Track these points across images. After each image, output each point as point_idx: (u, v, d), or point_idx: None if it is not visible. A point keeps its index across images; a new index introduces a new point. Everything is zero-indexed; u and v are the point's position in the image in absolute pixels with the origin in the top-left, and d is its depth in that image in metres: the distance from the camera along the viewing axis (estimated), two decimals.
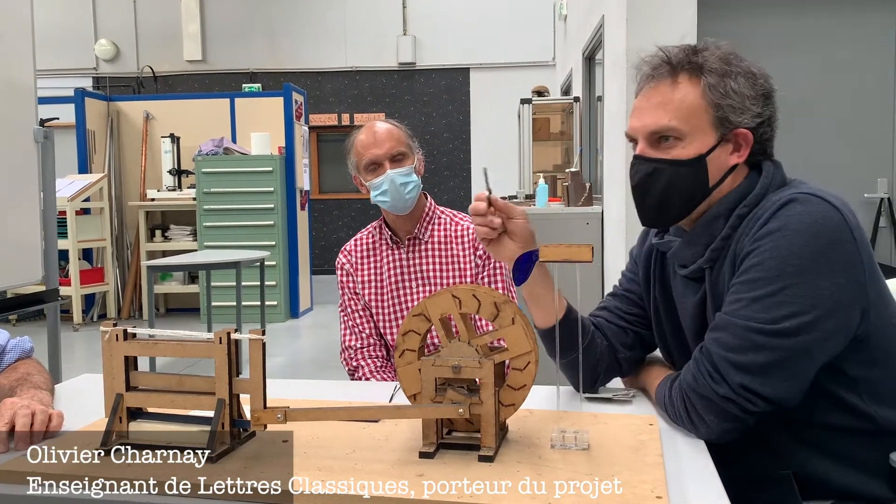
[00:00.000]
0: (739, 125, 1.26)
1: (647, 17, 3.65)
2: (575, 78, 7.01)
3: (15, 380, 1.43)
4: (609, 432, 1.20)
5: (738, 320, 1.18)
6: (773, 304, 1.15)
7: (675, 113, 1.25)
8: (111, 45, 10.38)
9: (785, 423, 1.23)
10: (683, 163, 1.26)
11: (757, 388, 1.15)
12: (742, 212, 1.26)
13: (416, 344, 1.17)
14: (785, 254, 1.16)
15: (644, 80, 1.30)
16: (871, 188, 4.10)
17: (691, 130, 1.25)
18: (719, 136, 1.26)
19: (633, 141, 1.33)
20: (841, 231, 1.17)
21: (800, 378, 1.17)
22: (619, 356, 1.46)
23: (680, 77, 1.26)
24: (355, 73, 10.41)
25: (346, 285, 2.16)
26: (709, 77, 1.24)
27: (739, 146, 1.28)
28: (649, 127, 1.27)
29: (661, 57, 1.29)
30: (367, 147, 2.02)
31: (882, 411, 1.23)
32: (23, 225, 3.13)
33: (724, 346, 1.18)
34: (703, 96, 1.25)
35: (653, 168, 1.27)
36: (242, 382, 1.12)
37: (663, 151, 1.27)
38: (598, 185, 5.07)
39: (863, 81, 4.06)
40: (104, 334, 1.15)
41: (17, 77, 3.12)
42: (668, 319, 1.43)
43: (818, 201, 1.19)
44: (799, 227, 1.16)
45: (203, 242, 6.84)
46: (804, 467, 1.25)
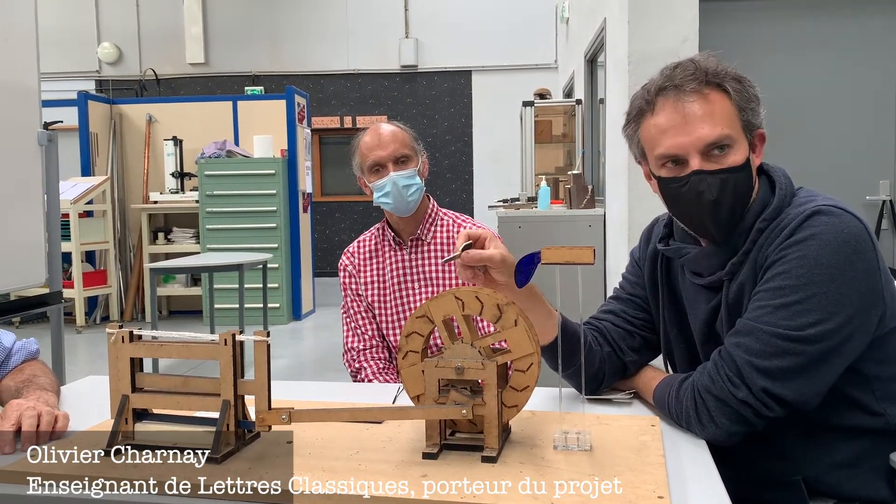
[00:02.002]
0: (758, 126, 1.30)
1: (649, 20, 3.66)
2: (577, 80, 7.01)
3: (21, 381, 1.44)
4: (611, 433, 1.21)
5: (763, 326, 1.19)
6: (799, 311, 1.18)
7: (724, 121, 1.25)
8: (114, 47, 10.41)
9: (793, 423, 1.24)
10: (740, 168, 1.27)
11: (779, 391, 1.17)
12: (762, 225, 1.27)
13: (419, 345, 1.17)
14: (812, 263, 1.18)
15: (664, 99, 1.27)
16: (874, 190, 4.10)
17: (737, 136, 1.27)
18: (749, 139, 1.29)
19: (671, 161, 1.28)
20: (864, 241, 1.21)
21: (821, 382, 1.20)
22: (627, 359, 1.46)
23: (705, 89, 1.26)
24: (357, 75, 10.43)
25: (348, 287, 2.16)
26: (731, 84, 1.27)
27: (756, 146, 1.31)
28: (706, 139, 1.24)
29: (682, 74, 1.27)
30: (371, 149, 2.03)
31: (893, 409, 1.25)
32: (26, 227, 3.14)
33: (749, 351, 1.20)
34: (734, 103, 1.27)
35: (721, 179, 1.26)
36: (247, 384, 1.13)
37: (719, 161, 1.26)
38: (600, 188, 5.08)
39: (865, 83, 4.07)
40: (110, 336, 1.15)
41: (20, 80, 3.13)
42: (673, 323, 1.44)
43: (841, 213, 1.22)
44: (826, 237, 1.19)
45: (206, 245, 6.85)
46: (809, 468, 1.26)
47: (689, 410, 1.23)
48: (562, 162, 7.19)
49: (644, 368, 1.48)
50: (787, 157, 4.06)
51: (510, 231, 4.45)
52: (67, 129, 7.17)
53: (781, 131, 4.08)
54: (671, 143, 1.27)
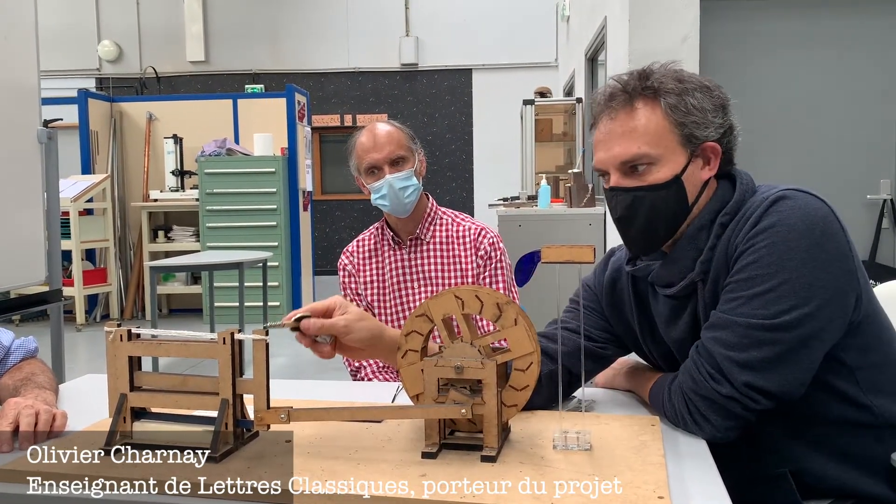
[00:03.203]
0: (706, 139, 1.26)
1: (650, 19, 3.66)
2: (577, 79, 7.01)
3: (19, 380, 1.44)
4: (611, 433, 1.21)
5: (737, 318, 1.18)
6: (773, 299, 1.16)
7: (643, 139, 1.24)
8: (114, 45, 10.40)
9: (782, 418, 1.23)
10: (661, 186, 1.26)
11: (761, 384, 1.16)
12: (724, 220, 1.26)
13: (418, 344, 1.17)
14: (782, 249, 1.17)
15: (600, 112, 1.30)
16: (874, 189, 4.10)
17: (662, 153, 1.25)
18: (689, 153, 1.26)
19: (602, 173, 1.32)
20: (831, 223, 1.19)
21: (803, 369, 1.18)
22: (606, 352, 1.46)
23: (637, 103, 1.26)
24: (358, 73, 10.42)
25: (348, 286, 2.16)
26: (667, 98, 1.25)
27: (709, 159, 1.29)
28: (620, 157, 1.26)
29: (614, 86, 1.29)
30: (366, 151, 2.02)
31: (879, 401, 1.24)
32: (26, 225, 3.14)
33: (725, 345, 1.19)
34: (666, 117, 1.25)
35: (632, 197, 1.27)
36: (246, 383, 1.12)
37: (638, 179, 1.26)
38: (600, 187, 5.07)
39: (866, 82, 4.06)
40: (108, 334, 1.15)
41: (20, 78, 3.13)
42: (654, 343, 1.41)
43: (805, 195, 1.21)
44: (792, 221, 1.18)
45: (206, 243, 6.84)
46: (801, 464, 1.25)
47: (683, 413, 1.23)
48: (562, 160, 7.20)
49: (636, 369, 1.48)
50: (787, 155, 4.07)
51: (510, 229, 4.45)
52: (67, 127, 7.16)
53: (782, 130, 4.08)
54: (596, 158, 1.32)
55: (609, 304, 1.46)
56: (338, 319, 1.23)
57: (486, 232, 2.12)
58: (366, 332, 1.25)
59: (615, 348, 1.47)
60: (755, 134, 3.86)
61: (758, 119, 3.93)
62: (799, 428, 1.25)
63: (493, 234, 2.13)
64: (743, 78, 3.91)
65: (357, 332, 1.24)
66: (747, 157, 1.33)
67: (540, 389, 1.18)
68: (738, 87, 3.64)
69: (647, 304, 1.40)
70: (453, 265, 2.09)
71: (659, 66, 1.30)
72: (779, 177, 1.32)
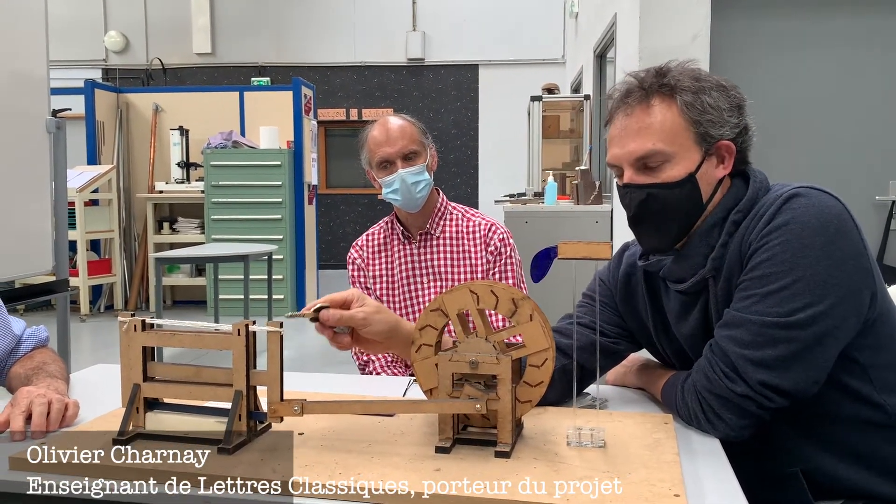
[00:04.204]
0: (721, 138, 1.26)
1: (660, 16, 3.65)
2: (585, 76, 7.00)
3: (31, 368, 1.44)
4: (625, 430, 1.20)
5: (752, 316, 1.18)
6: (787, 296, 1.16)
7: (658, 136, 1.24)
8: (121, 36, 10.40)
9: (794, 417, 1.23)
10: (675, 184, 1.25)
11: (776, 382, 1.16)
12: (737, 217, 1.26)
13: (433, 339, 1.17)
14: (796, 246, 1.16)
15: (616, 108, 1.29)
16: (883, 191, 4.08)
17: (677, 151, 1.25)
18: (703, 151, 1.26)
19: (615, 170, 1.32)
20: (846, 220, 1.19)
21: (817, 368, 1.18)
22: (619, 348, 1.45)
23: (653, 100, 1.25)
24: (364, 68, 10.41)
25: (357, 280, 2.16)
26: (683, 95, 1.24)
27: (723, 158, 1.28)
28: (634, 153, 1.26)
29: (630, 83, 1.28)
30: (379, 145, 2.02)
31: (892, 400, 1.23)
32: (34, 215, 3.14)
33: (740, 343, 1.18)
34: (682, 115, 1.24)
35: (646, 194, 1.26)
36: (260, 374, 1.12)
37: (652, 176, 1.26)
38: (607, 184, 5.06)
39: (876, 83, 4.05)
40: (122, 324, 1.15)
41: (30, 68, 3.13)
42: (667, 339, 1.41)
43: (819, 193, 1.20)
44: (807, 219, 1.17)
45: (211, 235, 6.85)
46: (812, 463, 1.24)
47: (697, 412, 1.23)
48: (569, 157, 7.18)
49: (647, 367, 1.47)
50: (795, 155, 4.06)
51: (517, 226, 4.44)
52: (73, 118, 7.15)
53: (790, 130, 4.06)
54: (610, 154, 1.31)
55: (623, 299, 1.46)
56: (356, 311, 1.24)
57: (497, 227, 2.11)
58: (383, 324, 1.25)
59: (627, 344, 1.47)
60: (762, 133, 3.85)
61: (766, 119, 3.91)
62: (811, 427, 1.25)
63: (503, 229, 2.12)
64: (752, 77, 3.90)
65: (375, 325, 1.24)
66: (754, 157, 1.33)
67: (552, 384, 1.18)
68: (748, 85, 3.60)
69: (659, 300, 1.40)
70: (463, 260, 2.09)
71: (676, 63, 1.30)
72: (786, 176, 1.32)
